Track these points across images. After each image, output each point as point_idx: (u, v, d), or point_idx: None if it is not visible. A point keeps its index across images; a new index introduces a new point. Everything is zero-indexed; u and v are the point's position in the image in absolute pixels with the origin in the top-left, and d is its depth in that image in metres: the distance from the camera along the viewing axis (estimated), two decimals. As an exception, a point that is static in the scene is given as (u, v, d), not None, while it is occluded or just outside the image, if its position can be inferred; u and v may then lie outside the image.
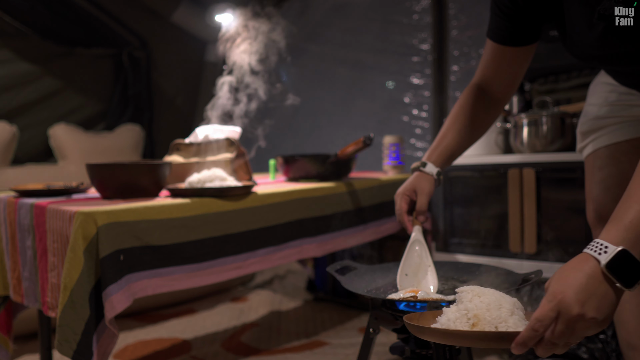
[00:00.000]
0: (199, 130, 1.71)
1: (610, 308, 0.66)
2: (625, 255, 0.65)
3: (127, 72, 3.10)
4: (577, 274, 0.67)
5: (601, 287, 0.65)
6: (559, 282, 0.68)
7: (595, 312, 0.65)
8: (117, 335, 1.13)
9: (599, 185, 1.17)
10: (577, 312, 0.65)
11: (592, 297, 0.65)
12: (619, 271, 0.65)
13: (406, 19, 2.56)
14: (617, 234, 0.67)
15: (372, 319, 1.05)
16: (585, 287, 0.65)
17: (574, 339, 0.67)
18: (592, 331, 0.66)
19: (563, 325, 0.66)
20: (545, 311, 0.67)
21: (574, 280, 0.66)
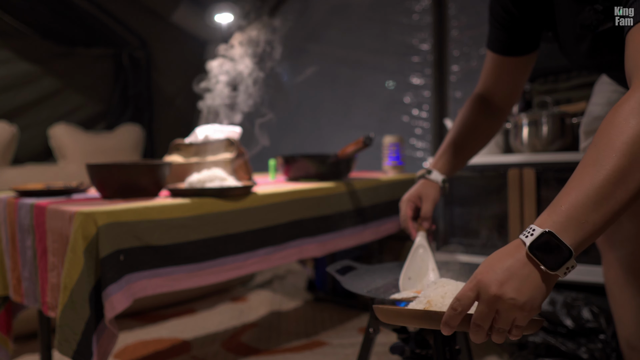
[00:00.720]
0: (199, 130, 1.71)
1: (535, 291, 0.64)
2: (551, 237, 0.64)
3: (127, 72, 3.10)
4: (502, 256, 0.66)
5: (524, 269, 0.64)
6: (484, 264, 0.67)
7: (514, 293, 0.63)
8: (117, 335, 1.13)
9: None
10: (494, 292, 0.64)
11: (512, 278, 0.64)
12: (542, 253, 0.64)
13: (406, 19, 2.56)
14: (548, 217, 0.66)
15: (372, 319, 1.05)
16: (507, 268, 0.64)
17: (503, 324, 0.65)
18: (520, 316, 0.64)
19: (483, 305, 0.65)
20: (465, 290, 0.66)
21: (497, 262, 0.66)
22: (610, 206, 0.64)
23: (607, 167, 0.64)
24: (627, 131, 0.65)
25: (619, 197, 0.64)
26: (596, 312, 1.56)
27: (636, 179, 0.64)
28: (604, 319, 1.54)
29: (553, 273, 0.64)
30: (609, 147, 0.65)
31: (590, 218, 0.64)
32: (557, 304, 1.62)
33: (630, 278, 1.15)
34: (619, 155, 0.64)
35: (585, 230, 0.64)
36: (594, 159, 0.66)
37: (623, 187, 0.64)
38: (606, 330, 1.53)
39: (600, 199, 0.64)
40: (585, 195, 0.64)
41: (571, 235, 0.64)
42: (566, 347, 1.56)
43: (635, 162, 0.64)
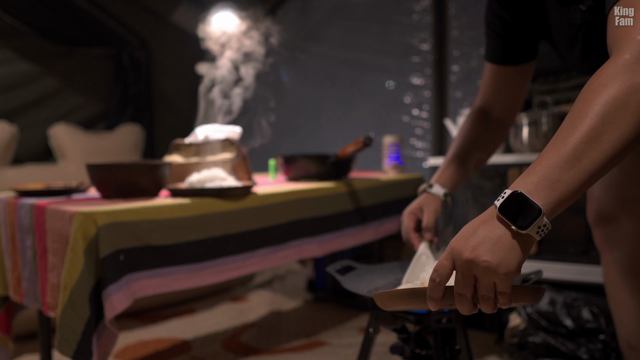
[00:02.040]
0: (199, 130, 1.71)
1: (508, 252, 0.63)
2: (519, 197, 0.63)
3: (127, 72, 3.10)
4: (475, 223, 0.66)
5: (495, 231, 0.64)
6: (459, 233, 0.67)
7: (487, 256, 0.63)
8: (117, 335, 1.13)
9: (599, 185, 1.17)
10: (467, 256, 0.63)
11: (484, 241, 0.63)
12: (512, 213, 0.63)
13: (406, 19, 2.56)
14: (521, 180, 0.65)
15: (372, 319, 1.05)
16: (477, 232, 0.64)
17: (485, 290, 0.65)
18: (499, 280, 0.63)
19: (459, 272, 0.65)
20: (440, 260, 0.67)
21: (470, 228, 0.66)
22: (583, 166, 0.63)
23: (581, 128, 0.64)
24: (603, 95, 0.65)
25: (592, 157, 0.63)
26: (596, 312, 1.56)
27: (611, 140, 0.64)
28: (604, 319, 1.54)
29: (524, 232, 0.63)
30: (584, 110, 0.66)
31: (563, 177, 0.63)
32: (557, 304, 1.63)
33: (629, 278, 1.15)
34: (593, 117, 0.64)
35: (558, 190, 0.63)
36: (569, 122, 0.66)
37: (597, 147, 0.63)
38: (606, 330, 1.53)
39: (573, 159, 0.63)
40: (558, 156, 0.64)
41: (542, 195, 0.63)
42: (566, 348, 1.56)
43: (609, 123, 0.64)
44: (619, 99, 0.65)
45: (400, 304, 0.74)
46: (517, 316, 1.74)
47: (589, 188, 1.19)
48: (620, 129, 0.64)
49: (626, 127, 0.64)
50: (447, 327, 0.97)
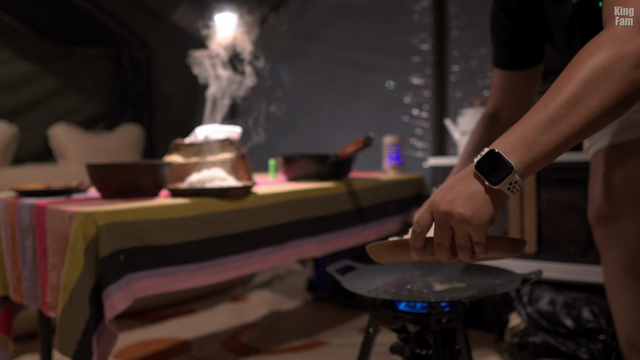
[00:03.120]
0: (199, 130, 1.71)
1: (481, 206, 0.68)
2: (495, 155, 0.67)
3: (127, 72, 3.10)
4: (454, 179, 0.71)
5: (470, 186, 0.68)
6: (439, 188, 0.72)
7: (462, 209, 0.67)
8: (117, 335, 1.13)
9: (601, 185, 1.17)
10: (443, 209, 0.68)
11: (460, 196, 0.68)
12: (486, 169, 0.67)
13: (406, 19, 2.56)
14: (500, 140, 0.69)
15: (372, 319, 1.05)
16: (454, 187, 0.69)
17: (462, 240, 0.70)
18: (474, 231, 0.68)
19: (437, 224, 0.70)
20: (421, 213, 0.73)
21: (448, 184, 0.71)
22: (560, 129, 0.66)
23: (563, 93, 0.67)
24: (589, 62, 0.68)
25: (570, 121, 0.66)
26: (597, 312, 1.56)
27: (589, 106, 0.66)
28: (604, 319, 1.54)
29: (496, 188, 0.67)
30: (569, 76, 0.68)
31: (539, 139, 0.66)
32: (557, 304, 1.63)
33: (629, 278, 1.15)
34: (575, 83, 0.67)
35: (533, 150, 0.67)
36: (553, 87, 0.69)
37: (575, 112, 0.66)
38: (606, 330, 1.53)
39: (551, 122, 0.66)
40: (537, 119, 0.67)
41: (517, 154, 0.66)
42: (566, 348, 1.56)
43: (590, 89, 0.66)
44: (604, 67, 0.67)
45: (389, 256, 0.81)
46: (517, 316, 1.74)
47: (592, 187, 1.20)
48: (600, 96, 0.66)
49: (606, 94, 0.66)
50: (447, 327, 0.97)
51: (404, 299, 0.95)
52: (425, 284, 1.06)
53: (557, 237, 1.74)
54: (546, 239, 1.76)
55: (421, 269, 1.18)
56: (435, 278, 1.10)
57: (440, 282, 1.07)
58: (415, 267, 1.19)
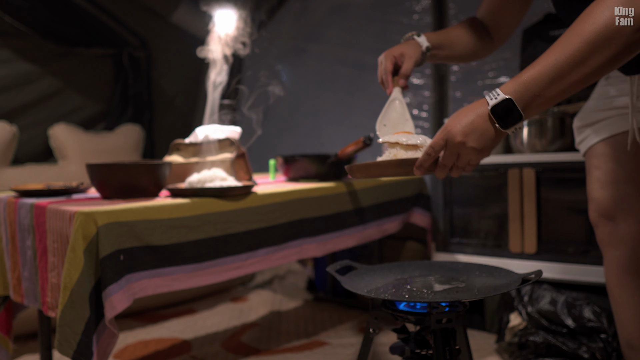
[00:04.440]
0: (199, 130, 1.71)
1: (488, 142, 0.82)
2: (509, 103, 0.78)
3: (127, 72, 3.10)
4: (469, 113, 0.82)
5: (484, 125, 0.81)
6: (453, 119, 0.83)
7: (474, 143, 0.81)
8: (117, 335, 1.13)
9: (596, 184, 1.17)
10: (459, 140, 0.81)
11: (474, 131, 0.81)
12: (500, 115, 0.79)
13: (406, 19, 2.56)
14: (511, 86, 0.79)
15: (372, 319, 1.05)
16: (471, 123, 0.81)
17: (462, 163, 0.84)
18: (474, 158, 0.83)
19: (449, 150, 0.83)
20: (437, 139, 0.84)
21: (463, 117, 0.82)
22: (562, 84, 0.77)
23: (570, 50, 0.76)
24: (598, 21, 0.75)
25: (572, 78, 0.77)
26: (598, 311, 1.56)
27: (591, 65, 0.76)
28: (605, 318, 1.54)
29: (504, 131, 0.81)
30: (578, 32, 0.76)
31: (544, 92, 0.78)
32: (558, 304, 1.62)
33: (629, 278, 1.16)
34: (583, 42, 0.75)
35: (537, 101, 0.79)
36: (563, 40, 0.78)
37: (578, 70, 0.76)
38: (607, 329, 1.53)
39: (556, 78, 0.77)
40: (545, 72, 0.77)
41: (525, 103, 0.79)
42: (567, 347, 1.55)
43: (594, 50, 0.75)
44: (609, 30, 0.75)
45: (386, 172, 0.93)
46: (517, 316, 1.74)
47: (589, 188, 1.20)
48: (602, 57, 0.76)
49: (608, 55, 0.75)
50: (447, 327, 0.97)
51: (404, 299, 0.95)
52: (425, 284, 1.06)
53: (557, 237, 1.74)
54: (546, 239, 1.76)
55: (421, 269, 1.19)
56: (435, 278, 1.10)
57: (440, 282, 1.07)
58: (415, 267, 1.20)
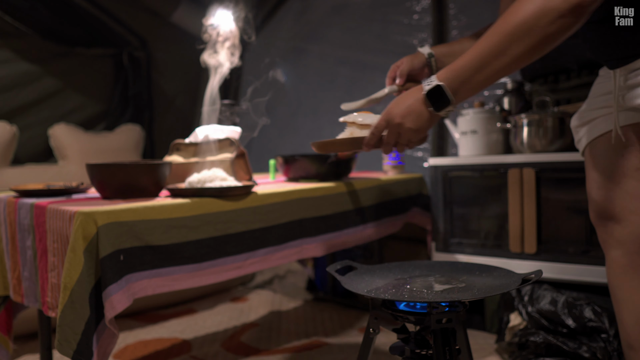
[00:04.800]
0: (199, 130, 1.71)
1: (424, 123, 0.97)
2: (440, 90, 0.92)
3: (127, 72, 3.10)
4: (408, 97, 0.97)
5: (420, 108, 0.96)
6: (395, 102, 0.99)
7: (411, 124, 0.97)
8: (117, 335, 1.13)
9: (593, 184, 1.17)
10: (398, 121, 0.97)
11: (411, 113, 0.96)
12: (433, 99, 0.94)
13: (406, 19, 2.56)
14: (443, 74, 0.93)
15: (372, 319, 1.05)
16: (408, 107, 0.97)
17: (404, 141, 1.00)
18: (413, 137, 0.99)
19: (390, 130, 0.99)
20: (380, 121, 1.01)
21: (402, 102, 0.98)
22: (487, 72, 0.90)
23: (492, 41, 0.88)
24: (518, 14, 0.86)
25: (495, 66, 0.89)
26: (599, 311, 1.56)
27: (511, 54, 0.87)
28: (606, 318, 1.54)
29: (437, 113, 0.95)
30: (501, 25, 0.88)
31: (471, 79, 0.91)
32: (558, 303, 1.62)
33: (627, 277, 1.16)
34: (503, 34, 0.87)
35: (467, 86, 0.92)
36: (489, 32, 0.89)
37: (499, 59, 0.88)
38: (608, 329, 1.53)
39: (481, 66, 0.89)
40: (472, 62, 0.90)
41: (454, 89, 0.92)
42: (567, 346, 1.55)
43: (513, 41, 0.86)
44: (528, 22, 0.85)
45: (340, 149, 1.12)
46: (517, 315, 1.74)
47: (587, 188, 1.20)
48: (520, 47, 0.86)
49: (526, 45, 0.86)
50: (447, 327, 0.97)
51: (404, 299, 0.95)
52: (425, 284, 1.06)
53: (557, 237, 1.74)
54: (546, 239, 1.76)
55: (421, 269, 1.19)
56: (435, 278, 1.10)
57: (440, 282, 1.07)
58: (415, 267, 1.20)
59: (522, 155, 1.80)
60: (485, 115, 1.96)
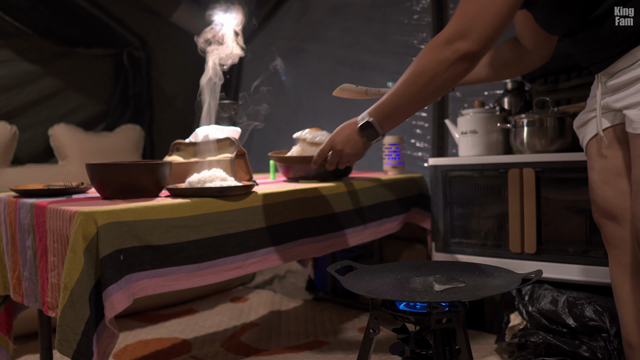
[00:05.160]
0: (199, 130, 1.71)
1: (360, 149, 1.22)
2: (371, 124, 1.17)
3: (127, 72, 3.10)
4: (347, 128, 1.22)
5: (355, 137, 1.21)
6: (337, 132, 1.24)
7: (350, 150, 1.22)
8: (117, 335, 1.13)
9: (594, 185, 1.18)
10: (339, 148, 1.23)
11: (349, 142, 1.22)
12: (366, 131, 1.19)
13: (406, 19, 2.56)
14: (372, 111, 1.17)
15: (372, 319, 1.05)
16: (347, 136, 1.22)
17: (344, 161, 1.25)
18: (352, 159, 1.25)
19: (333, 154, 1.25)
20: (324, 146, 1.26)
21: (343, 132, 1.23)
22: (404, 109, 1.14)
23: (404, 87, 1.11)
24: (419, 66, 1.08)
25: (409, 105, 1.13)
26: (600, 310, 1.55)
27: (419, 96, 1.10)
28: (607, 317, 1.54)
29: (368, 143, 1.21)
30: (409, 74, 1.10)
31: (393, 115, 1.15)
32: (559, 303, 1.62)
33: (628, 276, 1.16)
34: (410, 82, 1.10)
35: (390, 121, 1.17)
36: (402, 78, 1.12)
37: (411, 100, 1.11)
38: (609, 329, 1.52)
39: (399, 106, 1.13)
40: (389, 102, 1.14)
41: (380, 123, 1.17)
42: (567, 346, 1.55)
43: (419, 87, 1.09)
44: (427, 72, 1.06)
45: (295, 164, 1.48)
46: (517, 315, 1.74)
47: (589, 189, 1.21)
48: (426, 91, 1.08)
49: (430, 89, 1.08)
50: (447, 327, 0.97)
51: (404, 299, 0.95)
52: (425, 284, 1.06)
53: (557, 237, 1.74)
54: (546, 239, 1.76)
55: (421, 269, 1.19)
56: (435, 278, 1.10)
57: (440, 282, 1.07)
58: (415, 267, 1.20)
59: (522, 155, 1.80)
60: (485, 115, 1.96)
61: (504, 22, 1.01)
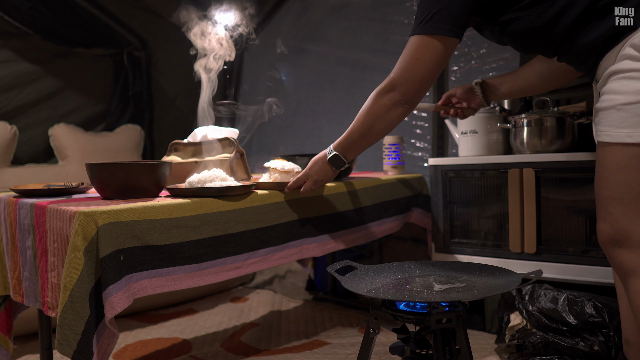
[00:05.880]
0: (198, 131, 1.71)
1: (330, 176, 1.47)
2: (339, 157, 1.41)
3: (127, 72, 3.10)
4: (319, 161, 1.44)
5: (326, 168, 1.44)
6: (311, 164, 1.46)
7: (322, 178, 1.46)
8: (117, 335, 1.13)
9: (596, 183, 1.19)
10: (315, 178, 1.46)
11: (321, 171, 1.45)
12: (334, 163, 1.43)
13: (406, 19, 2.56)
14: (337, 145, 1.41)
15: (372, 319, 1.05)
16: (320, 167, 1.45)
17: (317, 187, 1.49)
18: (325, 184, 1.53)
19: (308, 182, 1.48)
20: (301, 176, 1.48)
21: (316, 164, 1.45)
22: (358, 143, 1.38)
23: (358, 126, 1.36)
24: (367, 109, 1.32)
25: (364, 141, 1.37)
26: (599, 306, 1.55)
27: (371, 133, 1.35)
28: (607, 313, 1.53)
29: (337, 170, 1.45)
30: (360, 113, 1.35)
31: (353, 148, 1.40)
32: (559, 301, 1.62)
33: None
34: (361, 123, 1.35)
35: (351, 152, 1.41)
36: (355, 119, 1.36)
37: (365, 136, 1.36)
38: (609, 324, 1.52)
39: (355, 141, 1.38)
40: (348, 139, 1.39)
41: (344, 155, 1.41)
42: (566, 342, 1.55)
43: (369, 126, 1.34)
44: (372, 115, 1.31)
45: (268, 188, 1.50)
46: (517, 315, 1.74)
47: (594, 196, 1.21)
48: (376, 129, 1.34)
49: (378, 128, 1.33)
50: (447, 327, 0.97)
51: (404, 299, 0.95)
52: (425, 284, 1.06)
53: (557, 237, 1.74)
54: (546, 239, 1.76)
55: (421, 269, 1.19)
56: (435, 278, 1.10)
57: (440, 282, 1.07)
58: (415, 267, 1.20)
59: (522, 155, 1.80)
60: (485, 115, 1.96)
61: (429, 78, 1.24)
